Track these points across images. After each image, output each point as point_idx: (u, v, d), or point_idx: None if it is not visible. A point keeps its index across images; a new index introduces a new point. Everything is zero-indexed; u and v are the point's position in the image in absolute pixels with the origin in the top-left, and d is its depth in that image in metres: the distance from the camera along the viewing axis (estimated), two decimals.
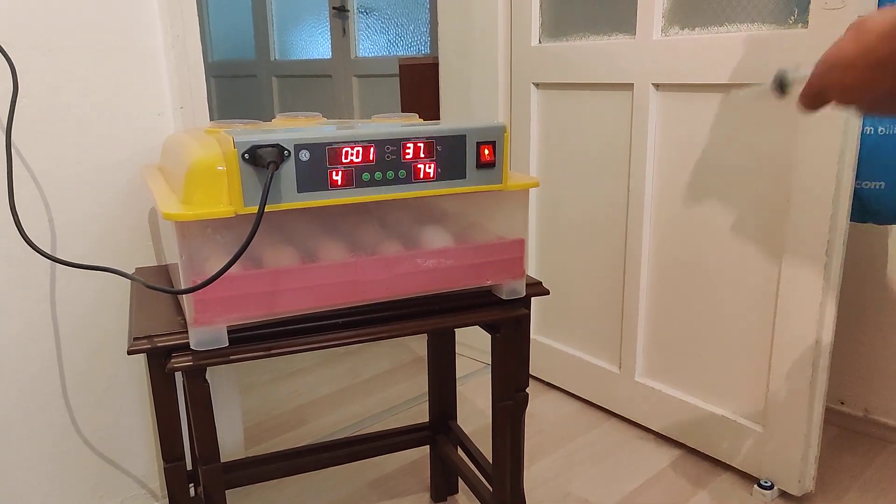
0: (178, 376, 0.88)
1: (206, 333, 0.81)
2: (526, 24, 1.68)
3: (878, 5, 1.16)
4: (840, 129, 1.16)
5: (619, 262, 1.60)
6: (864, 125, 1.24)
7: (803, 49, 1.19)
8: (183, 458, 0.90)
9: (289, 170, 0.77)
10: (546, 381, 1.87)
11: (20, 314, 1.12)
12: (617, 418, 1.68)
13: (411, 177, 0.84)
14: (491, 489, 1.12)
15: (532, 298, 0.99)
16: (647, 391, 1.59)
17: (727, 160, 1.35)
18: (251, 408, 1.78)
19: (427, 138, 0.83)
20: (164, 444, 0.88)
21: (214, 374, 1.35)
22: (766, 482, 1.37)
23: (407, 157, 0.83)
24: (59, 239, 1.14)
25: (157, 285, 0.81)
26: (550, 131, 1.70)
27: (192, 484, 1.18)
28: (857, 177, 1.27)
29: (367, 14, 2.75)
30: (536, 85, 1.70)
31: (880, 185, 1.27)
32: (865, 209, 1.30)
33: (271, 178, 0.75)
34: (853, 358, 1.58)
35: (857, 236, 1.53)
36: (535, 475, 1.46)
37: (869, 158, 1.25)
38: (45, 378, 1.16)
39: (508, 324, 0.99)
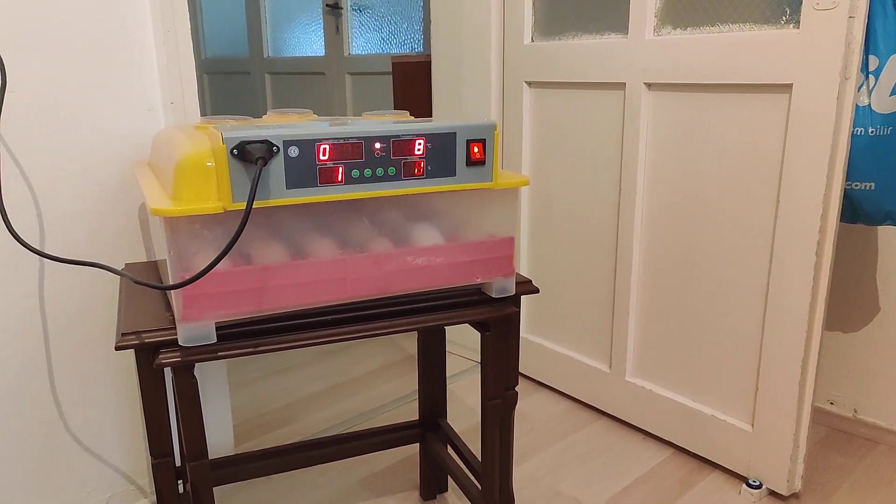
0: (167, 372, 0.88)
1: (194, 329, 0.80)
2: (519, 23, 1.68)
3: (869, 7, 1.17)
4: (830, 129, 1.17)
5: (610, 262, 1.61)
6: (854, 126, 1.25)
7: (795, 49, 1.19)
8: (171, 454, 0.90)
9: (277, 166, 0.77)
10: (536, 379, 1.87)
11: (8, 309, 1.11)
12: (607, 417, 1.69)
13: (401, 174, 0.84)
14: (480, 487, 1.12)
15: (522, 297, 0.99)
16: (637, 390, 1.59)
17: (718, 159, 1.35)
18: (240, 405, 1.78)
19: (417, 136, 0.83)
20: (153, 440, 0.88)
21: (203, 371, 1.35)
22: (754, 481, 1.37)
23: (397, 154, 0.83)
24: (48, 234, 1.13)
25: (145, 281, 0.80)
26: (543, 130, 1.70)
27: (181, 480, 1.18)
28: (848, 178, 1.27)
29: (360, 12, 2.75)
30: (529, 83, 1.71)
31: (870, 186, 1.27)
32: (856, 210, 1.31)
33: (259, 174, 0.74)
34: (843, 358, 1.59)
35: (848, 236, 1.53)
36: (525, 474, 1.46)
37: (859, 160, 1.26)
38: (32, 373, 1.16)
39: (498, 322, 0.99)
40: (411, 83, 2.20)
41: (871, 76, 1.24)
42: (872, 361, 1.55)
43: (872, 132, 1.25)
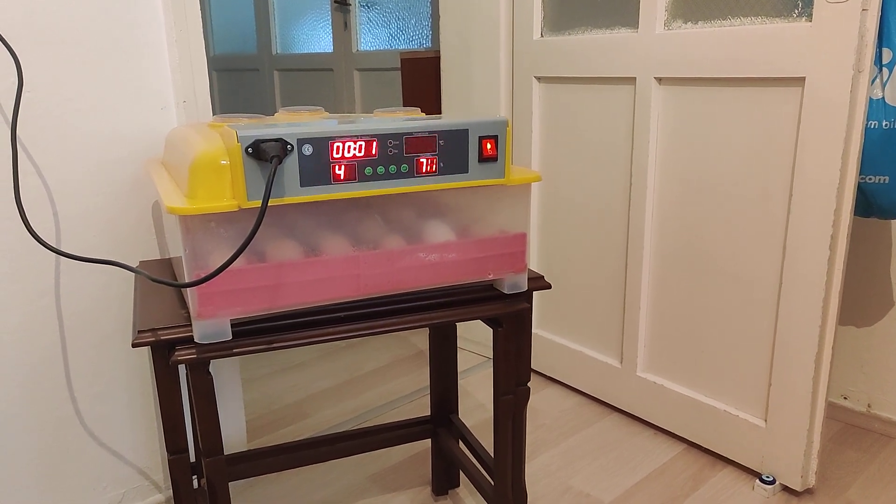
0: (182, 369, 0.88)
1: (209, 326, 0.81)
2: (528, 18, 1.68)
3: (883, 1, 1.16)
4: (844, 122, 1.16)
5: (621, 257, 1.60)
6: (868, 119, 1.24)
7: (808, 42, 1.18)
8: (186, 449, 0.90)
9: (292, 164, 0.77)
10: (548, 375, 1.87)
11: (23, 306, 1.12)
12: (619, 413, 1.68)
13: (413, 171, 0.84)
14: (492, 483, 1.13)
15: (534, 292, 0.99)
16: (649, 386, 1.59)
17: (730, 154, 1.35)
18: (252, 401, 1.79)
19: (429, 133, 0.83)
20: (168, 436, 0.89)
21: (217, 367, 1.36)
22: (767, 477, 1.37)
23: (409, 151, 0.83)
24: (64, 232, 1.14)
25: (161, 278, 0.81)
26: (553, 125, 1.70)
27: (195, 476, 1.19)
28: (862, 171, 1.26)
29: (368, 8, 2.75)
30: (538, 78, 1.70)
31: (884, 180, 1.27)
32: (869, 204, 1.30)
33: (274, 173, 0.75)
34: (856, 353, 1.58)
35: (861, 231, 1.52)
36: (537, 469, 1.47)
37: (873, 153, 1.25)
38: (47, 369, 1.17)
39: (510, 318, 0.99)
40: (420, 79, 2.20)
41: (884, 69, 1.23)
42: (887, 356, 1.54)
43: (886, 125, 1.24)
